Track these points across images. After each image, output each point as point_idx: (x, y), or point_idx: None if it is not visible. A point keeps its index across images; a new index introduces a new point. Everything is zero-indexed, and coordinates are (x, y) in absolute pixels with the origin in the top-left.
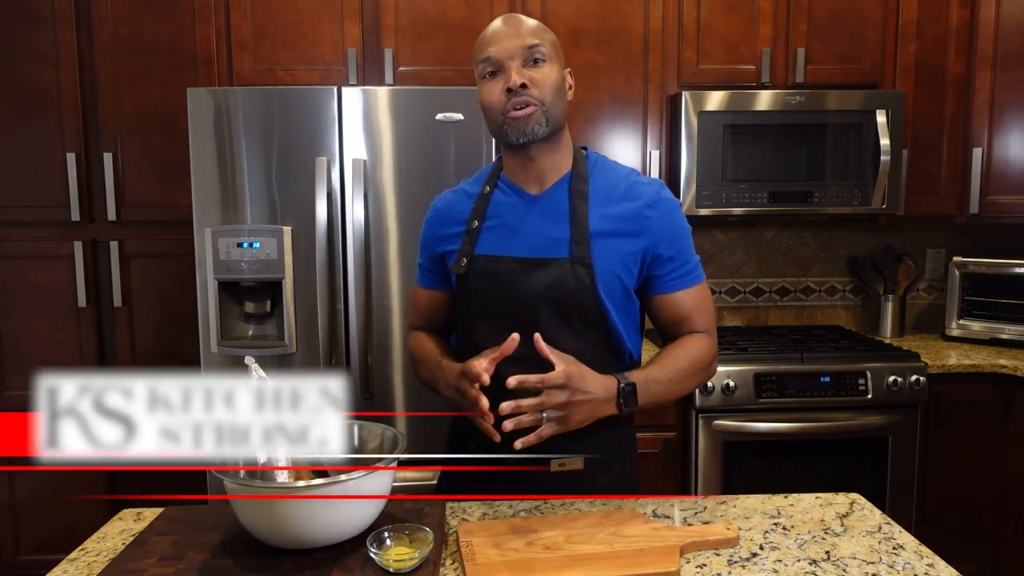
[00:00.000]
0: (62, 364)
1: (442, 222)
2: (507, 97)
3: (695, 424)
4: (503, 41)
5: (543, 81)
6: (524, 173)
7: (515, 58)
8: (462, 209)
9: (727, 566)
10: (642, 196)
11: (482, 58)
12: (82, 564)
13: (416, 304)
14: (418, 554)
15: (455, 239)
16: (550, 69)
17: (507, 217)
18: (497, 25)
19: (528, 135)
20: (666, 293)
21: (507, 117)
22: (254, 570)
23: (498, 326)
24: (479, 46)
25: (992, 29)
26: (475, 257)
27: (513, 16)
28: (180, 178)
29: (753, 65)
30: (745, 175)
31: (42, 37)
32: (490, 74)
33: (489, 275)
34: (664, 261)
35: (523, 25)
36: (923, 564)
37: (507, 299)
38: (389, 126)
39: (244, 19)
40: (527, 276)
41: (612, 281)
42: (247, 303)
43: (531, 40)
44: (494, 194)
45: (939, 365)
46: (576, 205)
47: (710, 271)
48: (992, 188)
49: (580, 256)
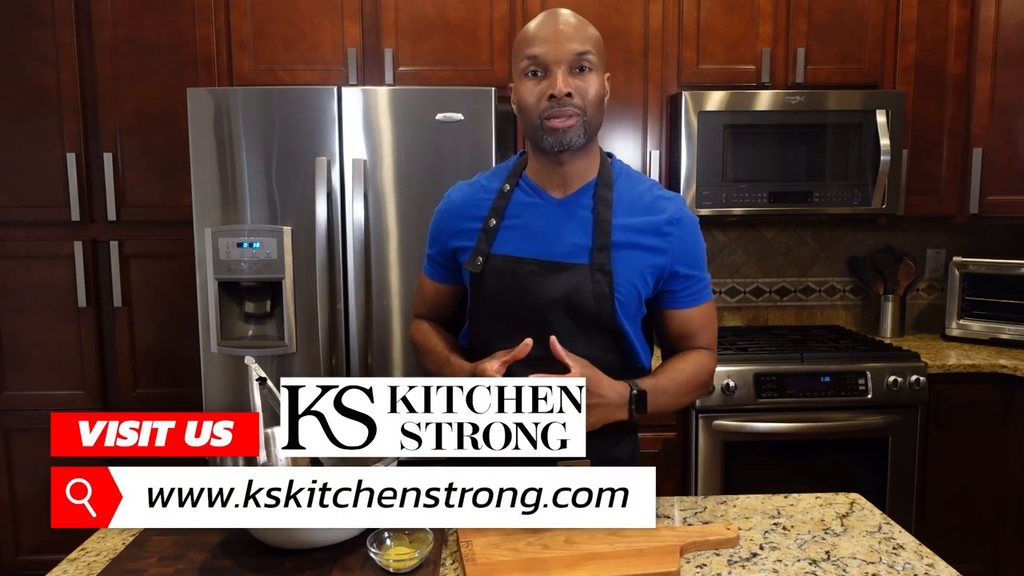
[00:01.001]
0: (62, 364)
1: (456, 216)
2: (549, 103)
3: (695, 424)
4: (553, 42)
5: (588, 92)
6: (550, 177)
7: (563, 63)
8: (479, 205)
9: (727, 566)
10: (665, 211)
11: (528, 54)
12: (82, 564)
13: (422, 293)
14: (418, 554)
15: (470, 235)
16: (595, 78)
17: (527, 218)
18: (547, 22)
19: (565, 145)
20: (677, 308)
21: (545, 123)
22: (254, 570)
23: (511, 327)
24: (524, 39)
25: (992, 29)
26: (492, 256)
27: (563, 13)
28: (180, 178)
29: (753, 65)
30: (745, 175)
31: (42, 37)
32: (532, 73)
33: (506, 275)
34: (680, 279)
35: (574, 27)
36: (923, 564)
37: (523, 301)
38: (389, 126)
39: (244, 19)
40: (545, 279)
41: (629, 291)
42: (247, 303)
43: (582, 47)
44: (515, 193)
45: (939, 365)
46: (600, 212)
47: (710, 271)
48: (992, 188)
49: (600, 263)
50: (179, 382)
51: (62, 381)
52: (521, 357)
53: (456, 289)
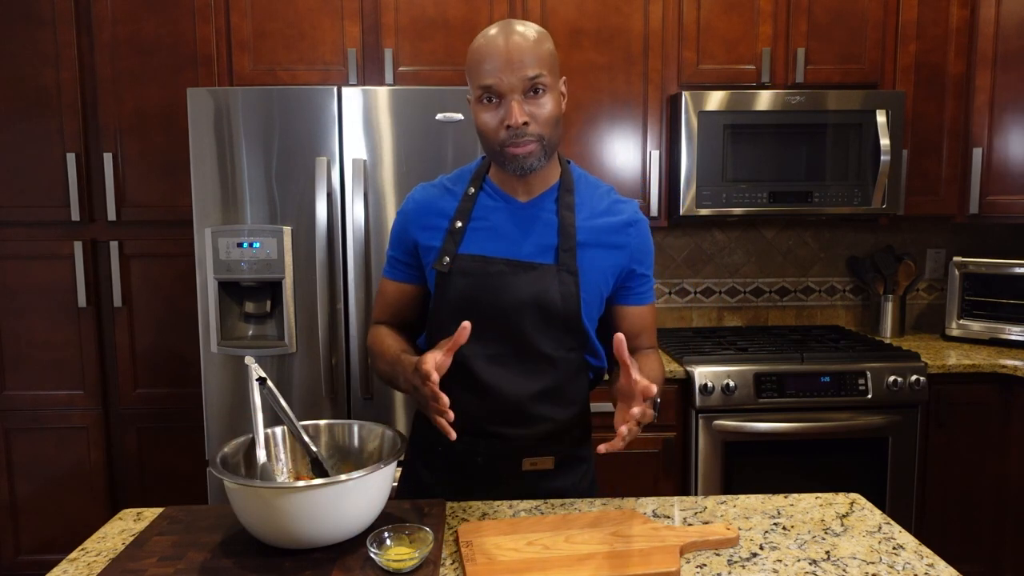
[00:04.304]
0: (62, 364)
1: (423, 213)
2: (507, 132)
3: (695, 424)
4: (505, 71)
5: (543, 115)
6: (513, 184)
7: (515, 91)
8: (444, 205)
9: (727, 566)
10: (623, 213)
11: (480, 85)
12: (82, 564)
13: (383, 297)
14: (418, 554)
15: (435, 234)
16: (550, 98)
17: (494, 220)
18: (496, 46)
19: (526, 169)
20: (631, 305)
21: (505, 150)
22: (254, 570)
23: (477, 326)
24: (476, 65)
25: (992, 29)
26: (459, 256)
27: (513, 34)
28: (180, 178)
29: (753, 65)
30: (745, 175)
31: (42, 37)
32: (488, 99)
33: (474, 274)
34: (636, 276)
35: (526, 50)
36: (923, 564)
37: (490, 300)
38: (389, 126)
39: (244, 19)
40: (514, 278)
41: (594, 291)
42: (247, 303)
43: (533, 71)
44: (479, 197)
45: (939, 365)
46: (564, 215)
47: (710, 271)
48: (992, 188)
49: (567, 263)
50: (179, 382)
51: (62, 381)
52: (462, 343)
53: (418, 289)
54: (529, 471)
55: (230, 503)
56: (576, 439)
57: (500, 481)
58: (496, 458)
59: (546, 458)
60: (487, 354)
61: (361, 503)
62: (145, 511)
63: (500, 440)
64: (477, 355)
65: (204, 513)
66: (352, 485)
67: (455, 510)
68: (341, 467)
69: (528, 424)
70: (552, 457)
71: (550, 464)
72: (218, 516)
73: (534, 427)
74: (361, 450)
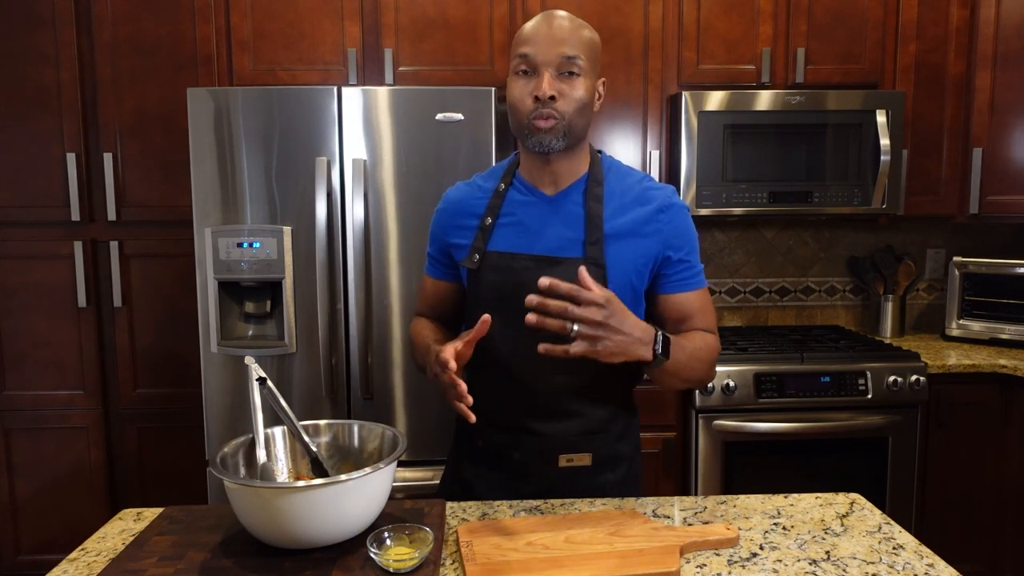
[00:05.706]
0: (62, 364)
1: (455, 213)
2: (534, 104)
3: (695, 424)
4: (544, 44)
5: (572, 97)
6: (540, 174)
7: (550, 65)
8: (476, 203)
9: (727, 566)
10: (654, 200)
11: (519, 53)
12: (82, 564)
13: (424, 292)
14: (418, 554)
15: (467, 233)
16: (582, 84)
17: (521, 215)
18: (542, 23)
19: (544, 147)
20: (672, 293)
21: (531, 122)
22: (254, 570)
23: (507, 322)
24: (520, 38)
25: (992, 29)
26: (488, 253)
27: (559, 16)
28: (180, 178)
29: (753, 65)
30: (745, 175)
31: (42, 37)
32: (523, 72)
33: (502, 271)
34: (673, 263)
35: (567, 30)
36: (923, 564)
37: (518, 295)
38: (389, 126)
39: (244, 19)
40: (540, 274)
41: (623, 283)
42: (247, 303)
43: (571, 51)
44: (509, 192)
45: (939, 365)
46: (591, 207)
47: (710, 271)
48: (992, 188)
49: (594, 257)
50: (179, 382)
51: (62, 381)
52: (483, 334)
53: (456, 286)
54: (566, 467)
55: (230, 503)
56: (616, 436)
57: (537, 477)
58: (532, 454)
59: (583, 455)
60: (519, 350)
61: (361, 503)
62: (145, 511)
63: (535, 436)
64: (509, 351)
65: (204, 513)
66: (352, 485)
67: (455, 510)
68: (341, 467)
69: (562, 420)
70: (589, 454)
71: (587, 461)
72: (218, 516)
73: (568, 423)
74: (361, 450)
